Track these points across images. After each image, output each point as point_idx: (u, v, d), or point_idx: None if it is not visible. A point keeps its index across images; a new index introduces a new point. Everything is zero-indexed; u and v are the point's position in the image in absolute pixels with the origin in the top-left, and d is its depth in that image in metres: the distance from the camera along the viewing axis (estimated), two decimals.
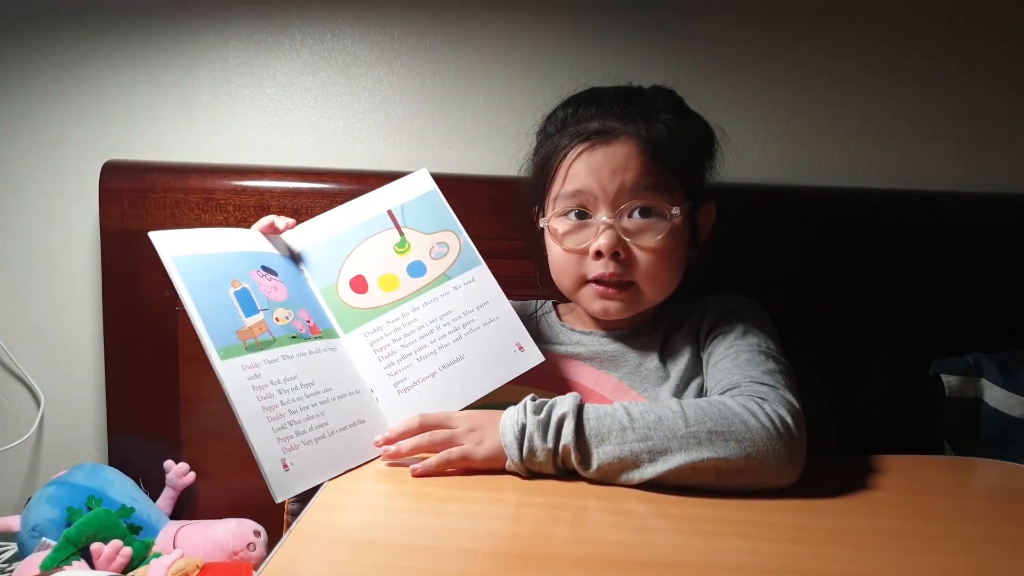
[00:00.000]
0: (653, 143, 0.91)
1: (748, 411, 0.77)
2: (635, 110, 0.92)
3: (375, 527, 0.70)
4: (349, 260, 0.92)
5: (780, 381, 0.83)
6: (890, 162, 1.29)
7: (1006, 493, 0.86)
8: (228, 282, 0.84)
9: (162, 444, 1.25)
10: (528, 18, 1.26)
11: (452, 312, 0.91)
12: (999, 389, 1.10)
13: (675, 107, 0.96)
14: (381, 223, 0.96)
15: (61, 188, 1.31)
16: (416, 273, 0.93)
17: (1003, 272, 1.22)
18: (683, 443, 0.75)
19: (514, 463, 0.78)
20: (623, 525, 0.71)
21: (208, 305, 0.81)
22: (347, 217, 0.96)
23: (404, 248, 0.94)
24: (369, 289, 0.92)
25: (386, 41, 1.27)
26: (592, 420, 0.77)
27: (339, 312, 0.90)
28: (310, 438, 0.80)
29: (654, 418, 0.77)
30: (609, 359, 0.98)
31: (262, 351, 0.82)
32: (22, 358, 1.34)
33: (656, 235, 0.91)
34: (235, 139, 1.30)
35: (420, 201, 0.97)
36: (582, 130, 0.93)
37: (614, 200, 0.91)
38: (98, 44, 1.27)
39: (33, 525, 1.10)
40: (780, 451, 0.76)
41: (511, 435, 0.78)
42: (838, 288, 1.22)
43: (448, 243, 0.96)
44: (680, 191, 0.93)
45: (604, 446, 0.76)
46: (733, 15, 1.26)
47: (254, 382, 0.80)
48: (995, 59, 1.27)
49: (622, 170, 0.90)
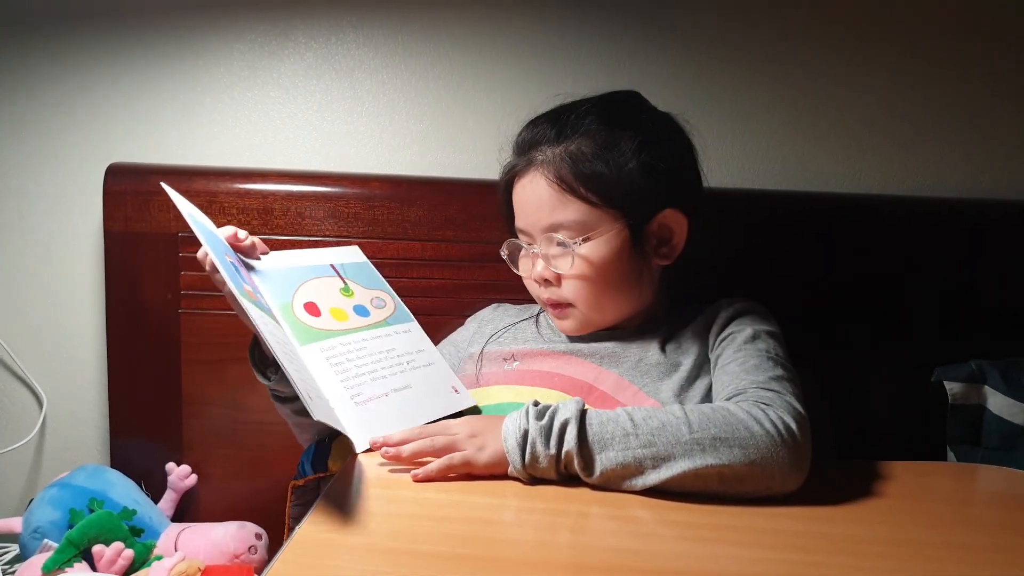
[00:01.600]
0: (560, 173, 0.92)
1: (752, 417, 0.77)
2: (549, 134, 0.95)
3: (377, 533, 0.70)
4: (301, 289, 0.95)
5: (786, 388, 0.83)
6: (892, 167, 1.30)
7: (1009, 500, 0.86)
8: (224, 254, 0.86)
9: (164, 446, 1.26)
10: (532, 23, 1.27)
11: (396, 349, 0.97)
12: (1002, 396, 1.10)
13: (606, 124, 0.94)
14: (325, 271, 1.00)
15: (65, 191, 1.31)
16: (361, 313, 0.99)
17: (1006, 278, 1.22)
18: (687, 449, 0.75)
19: (516, 469, 0.78)
20: (625, 531, 0.71)
21: (221, 261, 0.83)
22: (292, 259, 0.99)
23: (349, 293, 1.00)
24: (322, 314, 0.94)
25: (390, 45, 1.28)
26: (595, 426, 0.77)
27: (296, 327, 0.91)
28: (315, 395, 0.81)
29: (658, 424, 0.76)
30: (609, 355, 0.98)
31: (263, 313, 0.84)
32: (25, 360, 1.34)
33: (569, 263, 0.93)
34: (239, 142, 1.30)
35: (356, 266, 1.04)
36: (514, 163, 0.98)
37: (537, 232, 0.96)
38: (102, 48, 1.28)
39: (35, 527, 1.10)
40: (784, 457, 0.75)
41: (513, 441, 0.78)
42: (841, 294, 1.22)
43: (384, 300, 1.03)
44: (606, 212, 0.93)
45: (607, 452, 0.76)
46: (736, 21, 1.26)
47: (266, 328, 0.81)
48: (998, 64, 1.27)
49: (535, 205, 0.95)
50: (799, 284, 1.20)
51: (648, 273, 0.98)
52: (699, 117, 1.26)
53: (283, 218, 1.21)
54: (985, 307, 1.22)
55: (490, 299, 1.18)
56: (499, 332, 1.07)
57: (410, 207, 1.21)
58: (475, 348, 1.06)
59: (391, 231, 1.21)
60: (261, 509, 1.19)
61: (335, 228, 1.21)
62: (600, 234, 0.93)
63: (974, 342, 1.18)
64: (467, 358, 1.07)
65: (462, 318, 1.16)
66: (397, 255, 1.22)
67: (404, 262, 1.22)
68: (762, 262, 1.18)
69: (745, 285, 1.04)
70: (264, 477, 1.24)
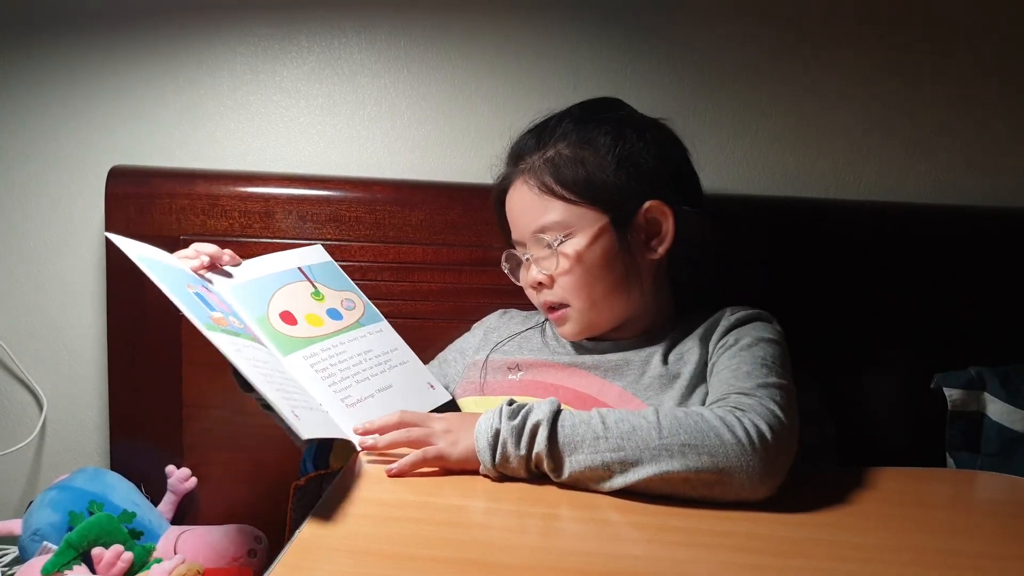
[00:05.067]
0: (542, 179, 0.96)
1: (724, 423, 0.77)
2: (531, 144, 0.99)
3: (378, 537, 0.70)
4: (274, 299, 0.96)
5: (771, 394, 0.82)
6: (893, 175, 1.30)
7: (1008, 507, 0.86)
8: (185, 285, 0.85)
9: (164, 449, 1.26)
10: (533, 28, 1.27)
11: (373, 350, 0.99)
12: (1001, 403, 1.10)
13: (582, 124, 0.97)
14: (295, 276, 1.01)
15: (67, 193, 1.31)
16: (335, 317, 1.00)
17: (1006, 285, 1.22)
18: (654, 454, 0.76)
19: (486, 467, 0.79)
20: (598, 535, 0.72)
21: (180, 295, 0.82)
22: (260, 268, 0.99)
23: (320, 297, 1.01)
24: (299, 322, 0.95)
25: (392, 50, 1.28)
26: (567, 428, 0.78)
27: (276, 339, 0.91)
28: (303, 406, 0.81)
29: (628, 428, 0.77)
30: (613, 368, 0.98)
31: (236, 337, 0.84)
32: (25, 362, 1.35)
33: (555, 263, 0.95)
34: (241, 145, 1.31)
35: (323, 266, 1.05)
36: (501, 176, 1.03)
37: (527, 239, 0.98)
38: (106, 51, 1.28)
39: (34, 529, 1.10)
40: (753, 465, 0.75)
41: (484, 440, 0.79)
42: (841, 300, 1.22)
43: (354, 301, 1.04)
44: (588, 209, 0.95)
45: (576, 455, 0.77)
46: (737, 30, 1.26)
47: (241, 354, 0.81)
48: (998, 73, 1.27)
49: (522, 212, 0.99)
50: (799, 291, 1.20)
51: (641, 269, 0.98)
52: (701, 124, 1.28)
53: (285, 221, 1.21)
54: (985, 314, 1.22)
55: (491, 303, 1.18)
56: (504, 341, 1.08)
57: (412, 211, 1.22)
58: (480, 356, 1.07)
59: (393, 235, 1.22)
60: (260, 512, 1.19)
61: (337, 232, 1.21)
62: (581, 230, 0.95)
63: (974, 349, 1.18)
64: (472, 365, 1.07)
65: (464, 322, 1.16)
66: (399, 259, 1.22)
67: (406, 266, 1.22)
68: (762, 269, 1.18)
69: (744, 292, 1.04)
70: (264, 480, 1.24)
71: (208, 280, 0.92)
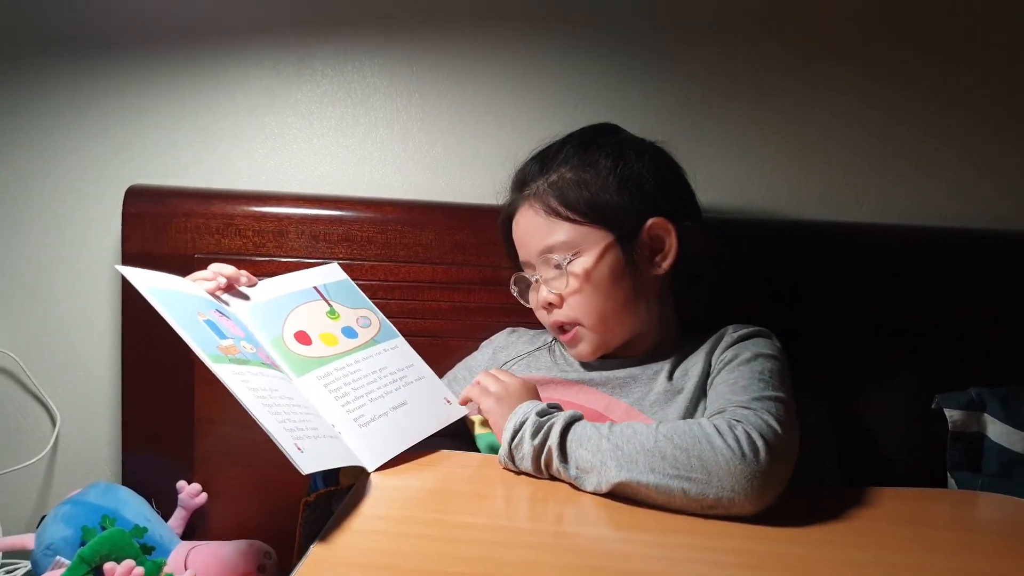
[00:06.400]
0: (547, 202, 0.99)
1: (718, 432, 0.79)
2: (535, 170, 1.02)
3: (388, 553, 0.71)
4: (289, 319, 0.97)
5: (768, 407, 0.84)
6: (895, 196, 1.31)
7: (1008, 528, 0.86)
8: (195, 313, 0.87)
9: (175, 464, 1.26)
10: (539, 53, 1.29)
11: (388, 367, 1.00)
12: (1001, 424, 1.11)
13: (583, 149, 1.01)
14: (310, 295, 1.02)
15: (84, 211, 1.33)
16: (350, 335, 1.01)
17: (1007, 308, 1.24)
18: (649, 456, 0.79)
19: (504, 450, 0.86)
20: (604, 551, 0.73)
21: (188, 324, 0.84)
22: (277, 288, 1.01)
23: (335, 316, 1.02)
24: (313, 342, 0.97)
25: (404, 73, 1.31)
26: (577, 429, 0.84)
27: (290, 359, 0.93)
28: (309, 435, 0.82)
29: (631, 432, 0.82)
30: (620, 385, 1.00)
31: (245, 365, 0.85)
32: (39, 377, 1.36)
33: (564, 282, 0.97)
34: (256, 166, 1.33)
35: (338, 284, 1.07)
36: (508, 202, 1.06)
37: (535, 260, 1.01)
38: (125, 72, 1.30)
39: (47, 543, 1.11)
40: (743, 474, 0.76)
41: (512, 423, 0.86)
42: (843, 321, 1.24)
43: (369, 318, 1.06)
44: (593, 229, 0.97)
45: (580, 451, 0.82)
46: (739, 52, 1.29)
47: (247, 384, 0.82)
48: (995, 97, 1.29)
49: (529, 235, 1.02)
50: (801, 311, 1.21)
51: (647, 286, 1.00)
52: (704, 145, 1.30)
53: (298, 241, 1.23)
54: (986, 335, 1.23)
55: (500, 321, 1.20)
56: (513, 360, 1.10)
57: (422, 231, 1.24)
58: None
59: (403, 254, 1.24)
60: (270, 528, 1.20)
61: (348, 251, 1.23)
62: (588, 248, 0.97)
63: (975, 370, 1.19)
64: None
65: (473, 340, 1.18)
66: (409, 278, 1.24)
67: (416, 285, 1.24)
68: (764, 289, 1.20)
69: (748, 312, 1.06)
70: (274, 496, 1.25)
71: (225, 302, 0.94)
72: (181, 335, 0.82)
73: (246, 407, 0.79)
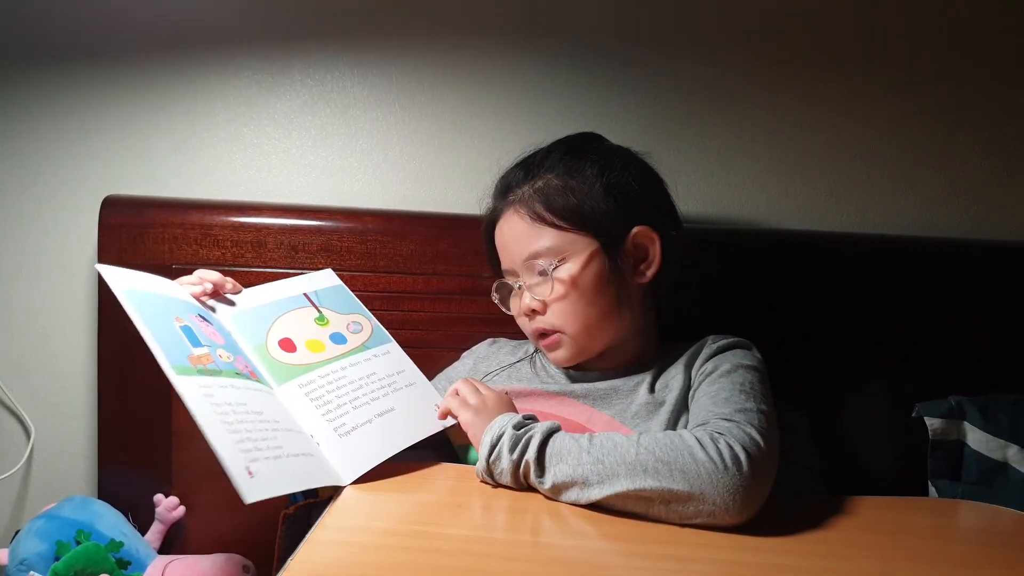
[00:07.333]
0: (533, 208, 0.98)
1: (699, 444, 0.79)
2: (520, 176, 1.02)
3: (368, 565, 0.70)
4: (275, 326, 0.97)
5: (750, 419, 0.84)
6: (874, 207, 1.33)
7: (988, 536, 0.87)
8: (172, 318, 0.86)
9: (152, 478, 1.25)
10: (521, 63, 1.30)
11: (377, 373, 0.99)
12: (980, 432, 1.12)
13: (568, 156, 1.01)
14: (299, 302, 1.02)
15: (60, 222, 1.32)
16: (338, 341, 1.00)
17: (987, 317, 1.25)
18: (630, 469, 0.78)
19: (481, 464, 0.85)
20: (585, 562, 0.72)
21: (159, 331, 0.82)
22: (265, 295, 1.00)
23: (324, 322, 1.01)
24: (298, 349, 0.96)
25: (384, 84, 1.31)
26: (556, 442, 0.83)
27: (272, 367, 0.92)
28: (268, 456, 0.80)
29: (611, 445, 0.81)
30: (601, 396, 1.00)
31: (213, 376, 0.83)
32: (14, 390, 1.34)
33: (549, 288, 0.97)
34: (234, 176, 1.32)
35: (330, 290, 1.06)
36: (491, 208, 1.05)
37: (519, 266, 1.00)
38: (101, 82, 1.30)
39: (21, 559, 1.09)
40: (725, 485, 0.76)
41: (489, 437, 0.86)
42: (824, 330, 1.24)
43: (361, 323, 1.05)
44: (579, 235, 0.97)
45: (560, 465, 0.82)
46: (722, 64, 1.30)
47: (210, 399, 0.80)
48: (981, 107, 1.31)
49: (514, 241, 1.01)
50: (781, 321, 1.22)
51: (631, 294, 1.00)
52: (686, 156, 1.31)
53: (277, 251, 1.23)
54: (966, 344, 1.25)
55: (481, 332, 1.20)
56: (494, 371, 1.09)
57: (403, 241, 1.23)
58: None
59: (384, 264, 1.23)
60: (249, 541, 1.19)
61: (328, 261, 1.22)
62: (573, 255, 0.97)
63: (955, 378, 1.20)
64: None
65: (454, 351, 1.18)
66: (390, 288, 1.23)
67: (396, 295, 1.23)
68: (745, 299, 1.20)
69: (729, 323, 1.06)
70: (252, 509, 1.20)
71: (210, 308, 0.93)
72: (146, 340, 0.81)
73: (199, 424, 0.77)
